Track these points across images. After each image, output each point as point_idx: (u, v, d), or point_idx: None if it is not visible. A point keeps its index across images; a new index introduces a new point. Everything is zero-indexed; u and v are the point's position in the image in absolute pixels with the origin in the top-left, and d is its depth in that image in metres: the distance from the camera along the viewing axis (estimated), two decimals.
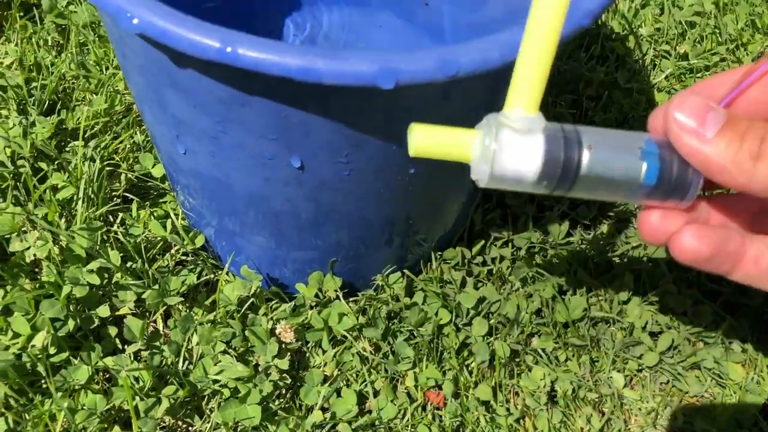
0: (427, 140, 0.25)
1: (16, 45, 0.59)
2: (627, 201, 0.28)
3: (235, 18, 0.56)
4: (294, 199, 0.40)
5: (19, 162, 0.51)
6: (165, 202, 0.52)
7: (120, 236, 0.47)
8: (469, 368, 0.47)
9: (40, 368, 0.41)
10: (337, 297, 0.47)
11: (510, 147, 0.24)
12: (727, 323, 0.49)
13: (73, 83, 0.58)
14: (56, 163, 0.51)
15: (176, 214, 0.50)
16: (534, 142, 0.24)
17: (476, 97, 0.34)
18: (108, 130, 0.54)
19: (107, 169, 0.51)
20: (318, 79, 0.28)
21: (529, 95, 0.25)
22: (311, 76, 0.28)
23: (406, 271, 0.49)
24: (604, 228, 0.54)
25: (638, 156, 0.25)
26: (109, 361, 0.43)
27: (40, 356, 0.41)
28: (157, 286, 0.46)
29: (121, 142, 0.53)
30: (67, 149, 0.53)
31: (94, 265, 0.44)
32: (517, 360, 0.48)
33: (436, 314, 0.47)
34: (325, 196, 0.39)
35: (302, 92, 0.31)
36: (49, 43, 0.61)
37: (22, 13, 0.63)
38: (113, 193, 0.51)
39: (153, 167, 0.52)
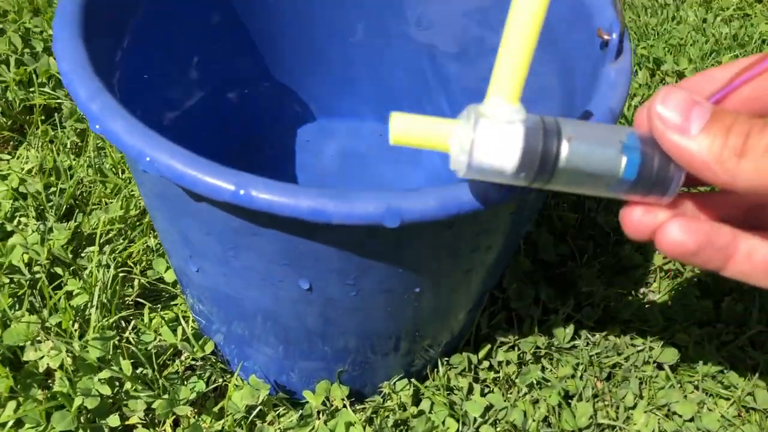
0: (406, 129, 0.26)
1: (37, 151, 0.61)
2: (607, 195, 0.27)
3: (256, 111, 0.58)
4: (302, 315, 0.41)
5: (36, 268, 0.52)
6: (176, 305, 0.53)
7: (132, 343, 0.48)
8: None
9: None
10: (344, 406, 0.47)
11: (488, 138, 0.24)
12: (737, 430, 0.49)
13: (90, 187, 0.59)
14: (71, 269, 0.53)
15: (186, 317, 0.51)
16: (513, 133, 0.24)
17: (480, 222, 0.36)
18: (123, 234, 0.56)
19: (121, 275, 0.53)
20: (328, 219, 0.29)
21: (510, 86, 0.25)
22: (321, 218, 0.29)
23: (413, 379, 0.49)
24: (609, 330, 0.54)
25: (618, 150, 0.25)
26: None
27: None
28: (166, 396, 0.46)
29: (135, 245, 0.55)
30: (82, 255, 0.54)
31: (105, 374, 0.45)
32: None
33: (443, 423, 0.47)
34: (333, 312, 0.40)
35: (312, 227, 0.32)
36: (68, 147, 0.63)
37: (43, 117, 0.66)
38: (126, 298, 0.52)
39: (165, 272, 0.53)
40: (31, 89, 0.66)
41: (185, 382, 0.48)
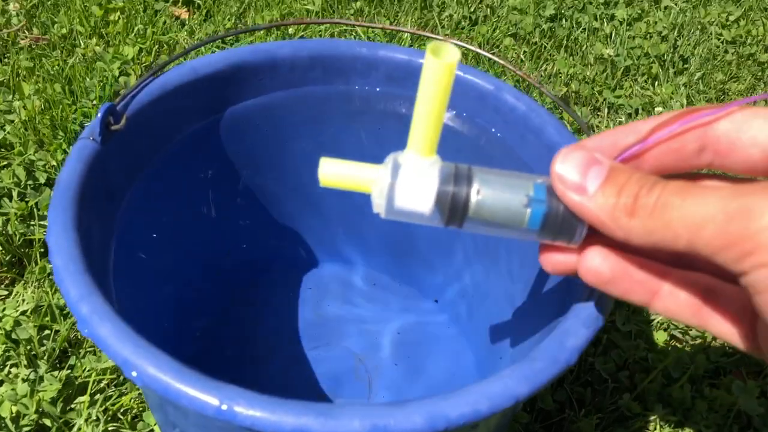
0: (334, 172, 0.29)
1: (34, 291, 0.61)
2: (520, 238, 0.29)
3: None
4: None
5: (23, 422, 0.52)
6: None
7: None
8: None
9: None
10: None
11: (406, 185, 0.27)
12: None
13: None
14: (61, 421, 0.52)
15: None
16: (428, 181, 0.27)
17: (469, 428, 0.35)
18: (116, 381, 0.55)
19: (111, 429, 0.52)
20: None
21: (425, 143, 0.27)
22: None
23: None
24: None
25: (524, 202, 0.27)
26: None
27: None
28: None
29: (127, 396, 0.54)
30: (73, 405, 0.54)
31: None
32: None
33: None
34: None
35: None
36: None
37: (42, 250, 0.66)
38: None
39: (155, 425, 0.53)
40: (32, 222, 0.67)
41: None
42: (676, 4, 1.02)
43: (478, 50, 0.47)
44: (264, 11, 0.97)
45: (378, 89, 0.52)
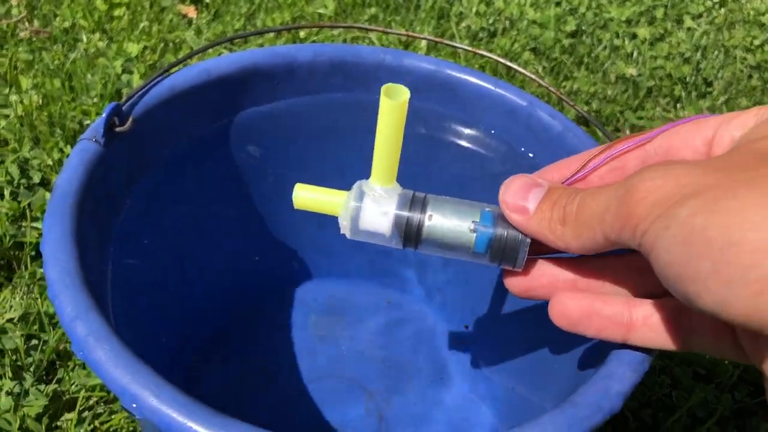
0: (306, 197, 0.32)
1: (22, 298, 0.58)
2: (471, 260, 0.31)
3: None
4: None
5: None
6: None
7: None
8: None
9: None
10: None
11: (368, 210, 0.31)
12: None
13: None
14: None
15: None
16: (387, 207, 0.31)
17: None
18: (105, 402, 0.52)
19: None
20: None
21: (384, 173, 0.31)
22: None
23: None
24: None
25: (470, 227, 0.30)
26: None
27: None
28: None
29: (117, 416, 0.51)
30: (59, 423, 0.50)
31: None
32: None
33: None
34: None
35: None
36: None
37: (33, 253, 0.63)
38: None
39: None
40: (24, 224, 0.64)
41: None
42: (699, 26, 1.00)
43: (502, 60, 0.44)
44: (275, 13, 0.93)
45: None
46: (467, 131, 0.48)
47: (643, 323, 0.29)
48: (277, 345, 0.53)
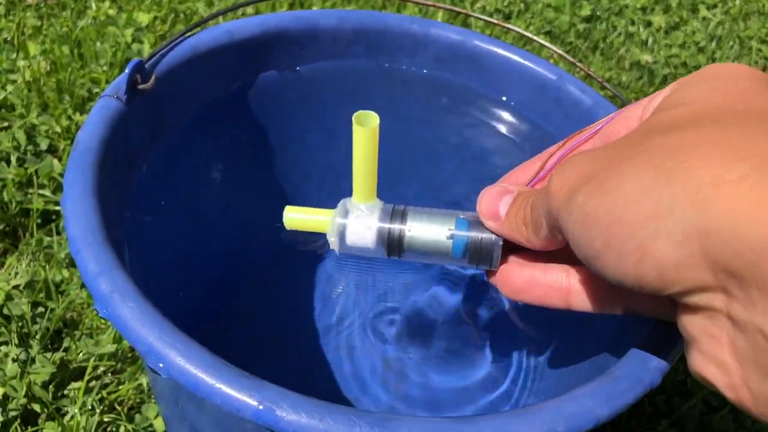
0: (295, 217, 0.34)
1: (28, 264, 0.57)
2: (452, 264, 0.33)
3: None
4: None
5: (11, 405, 0.47)
6: None
7: None
8: None
9: None
10: None
11: (353, 226, 0.33)
12: None
13: (82, 311, 0.55)
14: (53, 407, 0.47)
15: None
16: (370, 222, 0.33)
17: None
18: (114, 369, 0.51)
19: (106, 420, 0.47)
20: None
21: (365, 191, 0.33)
22: None
23: None
24: None
25: (447, 235, 0.32)
26: None
27: None
28: None
29: (125, 386, 0.50)
30: (65, 391, 0.49)
31: None
32: None
33: None
34: None
35: None
36: (63, 256, 0.59)
37: (40, 221, 0.61)
38: None
39: (155, 418, 0.48)
40: (30, 191, 0.62)
41: None
42: (714, 16, 0.99)
43: (525, 32, 0.43)
44: None
45: (424, 71, 0.48)
46: (492, 104, 0.47)
47: (582, 289, 0.30)
48: (295, 308, 0.52)
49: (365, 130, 0.31)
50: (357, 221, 0.33)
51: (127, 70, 0.36)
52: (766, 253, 0.18)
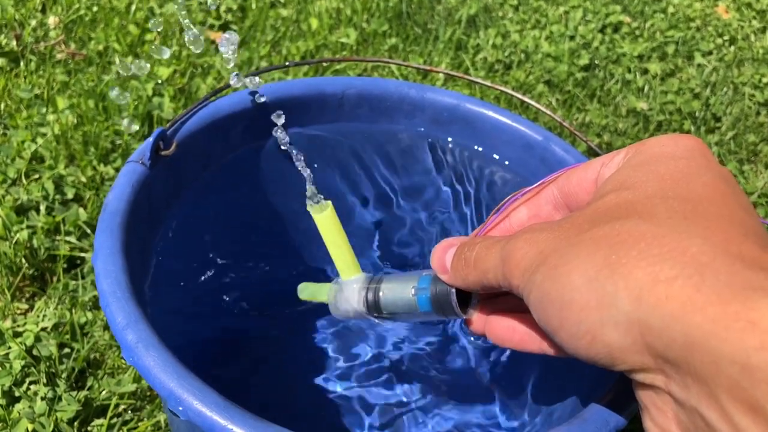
0: (306, 291, 0.42)
1: (56, 307, 0.61)
2: (428, 320, 0.39)
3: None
4: None
5: None
6: None
7: None
8: None
9: None
10: None
11: (342, 297, 0.39)
12: None
13: (104, 352, 0.59)
14: None
15: None
16: (356, 293, 0.38)
17: None
18: (132, 410, 0.54)
19: None
20: None
21: (347, 268, 0.40)
22: None
23: None
24: None
25: (411, 293, 0.35)
26: None
27: None
28: None
29: (144, 423, 0.53)
30: (89, 428, 0.53)
31: None
32: None
33: None
34: None
35: None
36: (87, 299, 0.63)
37: (66, 266, 0.66)
38: None
39: None
40: (58, 237, 0.67)
41: None
42: (709, 63, 1.03)
43: (515, 93, 0.47)
44: (299, 41, 0.97)
45: (422, 130, 0.52)
46: (486, 161, 0.51)
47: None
48: (301, 350, 0.55)
49: (324, 215, 0.39)
50: (342, 294, 0.39)
51: (150, 138, 0.40)
52: (693, 347, 0.21)
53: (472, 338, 0.57)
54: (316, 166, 0.52)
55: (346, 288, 0.39)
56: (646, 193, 0.26)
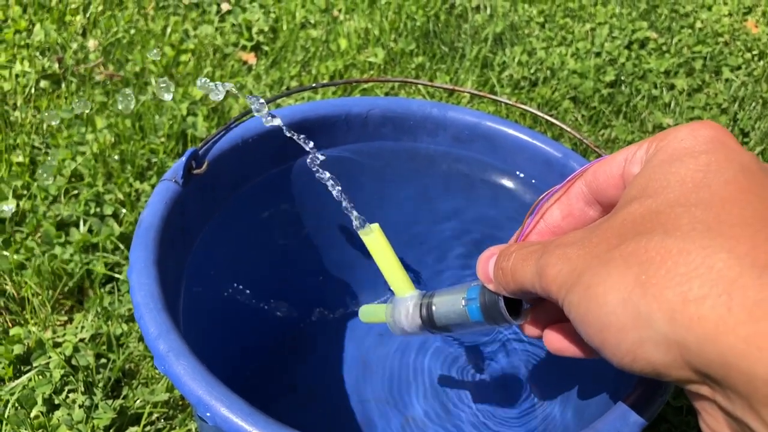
0: (365, 313, 0.45)
1: (93, 319, 0.63)
2: (483, 330, 0.42)
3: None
4: None
5: None
6: None
7: None
8: None
9: None
10: None
11: (398, 314, 0.41)
12: None
13: (139, 362, 0.61)
14: None
15: None
16: (411, 310, 0.40)
17: None
18: (165, 418, 0.56)
19: None
20: None
21: (401, 286, 0.42)
22: None
23: None
24: None
25: (462, 304, 0.36)
26: None
27: None
28: None
29: (175, 430, 0.55)
30: None
31: None
32: None
33: None
34: None
35: None
36: (123, 311, 0.65)
37: (104, 280, 0.68)
38: None
39: None
40: (95, 253, 0.69)
41: None
42: (737, 78, 1.03)
43: (537, 112, 0.49)
44: (328, 61, 1.00)
45: (444, 149, 0.53)
46: (506, 178, 0.52)
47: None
48: (326, 366, 0.57)
49: (372, 237, 0.42)
50: (397, 312, 0.41)
51: (183, 158, 0.43)
52: (729, 366, 0.22)
53: (525, 339, 0.58)
54: (342, 183, 0.54)
55: (401, 305, 0.41)
56: (668, 201, 0.26)
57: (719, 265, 0.23)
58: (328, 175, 0.45)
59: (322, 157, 0.46)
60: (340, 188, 0.45)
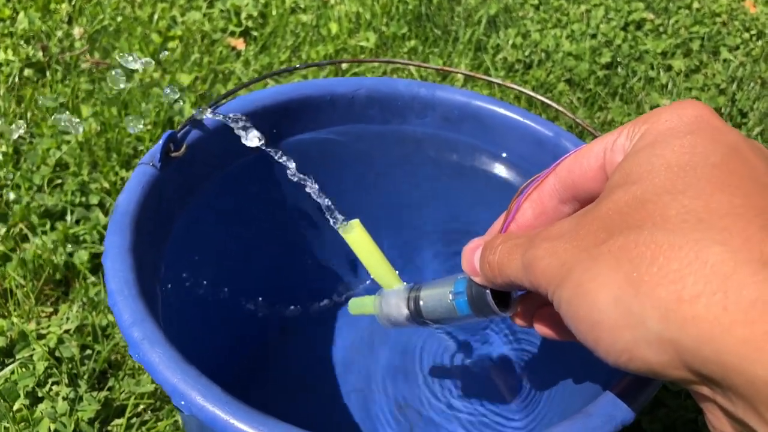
0: (354, 305, 0.43)
1: (78, 310, 0.62)
2: (470, 322, 0.38)
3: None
4: None
5: None
6: None
7: None
8: None
9: None
10: None
11: (386, 307, 0.40)
12: None
13: (125, 353, 0.59)
14: None
15: None
16: (398, 302, 0.39)
17: None
18: (152, 410, 0.55)
19: None
20: None
21: (388, 280, 0.41)
22: None
23: None
24: None
25: (450, 298, 0.36)
26: None
27: None
28: None
29: (163, 422, 0.54)
30: (109, 427, 0.54)
31: None
32: None
33: None
34: None
35: None
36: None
37: (89, 267, 0.67)
38: None
39: None
40: (80, 242, 0.68)
41: None
42: (735, 58, 1.01)
43: (533, 94, 0.47)
44: (318, 46, 0.98)
45: (432, 131, 0.52)
46: (496, 164, 0.51)
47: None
48: (316, 357, 0.56)
49: (354, 234, 0.41)
50: (386, 305, 0.40)
51: (161, 141, 0.41)
52: (727, 367, 0.20)
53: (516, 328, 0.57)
54: (324, 168, 0.52)
55: (389, 299, 0.40)
56: (654, 187, 0.25)
57: (713, 260, 0.22)
58: (302, 176, 0.45)
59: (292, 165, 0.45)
60: (317, 187, 0.44)
